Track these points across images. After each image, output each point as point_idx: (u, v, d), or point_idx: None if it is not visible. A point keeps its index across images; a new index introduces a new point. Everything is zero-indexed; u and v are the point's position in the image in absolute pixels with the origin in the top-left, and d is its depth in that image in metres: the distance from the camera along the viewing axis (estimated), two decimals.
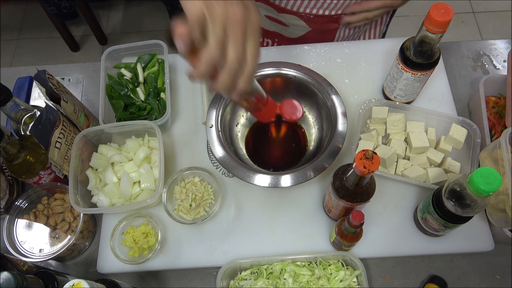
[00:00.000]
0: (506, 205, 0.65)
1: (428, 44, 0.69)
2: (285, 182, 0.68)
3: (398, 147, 0.78)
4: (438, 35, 0.66)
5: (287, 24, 0.95)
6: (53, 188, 0.78)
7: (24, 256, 0.72)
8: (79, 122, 0.79)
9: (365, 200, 0.63)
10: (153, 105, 0.85)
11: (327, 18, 0.91)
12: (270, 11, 0.93)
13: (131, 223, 0.76)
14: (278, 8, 0.91)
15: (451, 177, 0.64)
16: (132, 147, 0.79)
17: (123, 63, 0.90)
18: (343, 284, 0.69)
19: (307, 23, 0.93)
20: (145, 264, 0.73)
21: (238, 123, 0.83)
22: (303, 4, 0.88)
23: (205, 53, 0.46)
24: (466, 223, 0.65)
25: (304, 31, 0.96)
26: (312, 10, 0.89)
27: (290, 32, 0.97)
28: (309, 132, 0.83)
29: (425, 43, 0.69)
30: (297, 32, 0.97)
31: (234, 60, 0.47)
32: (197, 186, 0.77)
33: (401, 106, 0.81)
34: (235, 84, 0.49)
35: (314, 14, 0.90)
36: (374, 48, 0.92)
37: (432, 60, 0.71)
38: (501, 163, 0.67)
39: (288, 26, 0.95)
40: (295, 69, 0.79)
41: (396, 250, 0.74)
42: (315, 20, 0.92)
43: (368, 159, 0.54)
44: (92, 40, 2.16)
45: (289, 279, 0.69)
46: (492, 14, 2.14)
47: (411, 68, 0.73)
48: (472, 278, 0.73)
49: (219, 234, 0.76)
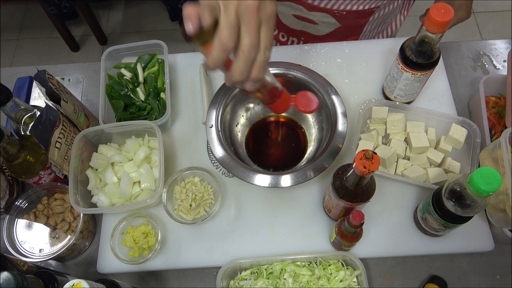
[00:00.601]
0: (506, 205, 0.65)
1: (428, 44, 0.69)
2: (285, 182, 0.68)
3: (398, 147, 0.78)
4: (438, 35, 0.66)
5: (316, 22, 0.93)
6: (53, 188, 0.78)
7: (24, 256, 0.72)
8: (79, 122, 0.79)
9: (365, 200, 0.63)
10: (153, 105, 0.85)
11: (359, 13, 0.90)
12: (300, 10, 0.92)
13: (131, 223, 0.76)
14: (309, 7, 0.90)
15: (451, 177, 0.64)
16: (132, 147, 0.79)
17: (123, 63, 0.90)
18: (343, 284, 0.69)
19: (338, 20, 0.92)
20: (145, 264, 0.73)
21: (238, 123, 0.83)
22: (338, 1, 0.87)
23: (217, 39, 0.45)
24: (466, 223, 0.65)
25: (333, 28, 0.94)
26: (346, 7, 0.88)
27: (318, 30, 0.96)
28: (309, 132, 0.83)
29: (425, 43, 0.69)
30: (326, 30, 0.95)
31: (248, 47, 0.46)
32: (197, 186, 0.77)
33: (401, 106, 0.81)
34: (250, 73, 0.48)
35: (348, 10, 0.89)
36: (374, 48, 0.92)
37: (432, 60, 0.71)
38: (501, 163, 0.67)
39: (317, 24, 0.94)
40: (295, 69, 0.79)
41: (396, 250, 0.74)
42: (347, 17, 0.91)
43: (368, 159, 0.54)
44: (92, 40, 2.16)
45: (289, 279, 0.69)
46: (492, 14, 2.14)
47: (411, 68, 0.73)
48: (472, 278, 0.73)
49: (219, 234, 0.76)
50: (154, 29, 2.22)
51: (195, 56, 0.94)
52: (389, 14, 0.95)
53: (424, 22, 0.65)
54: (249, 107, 0.84)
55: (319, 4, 0.88)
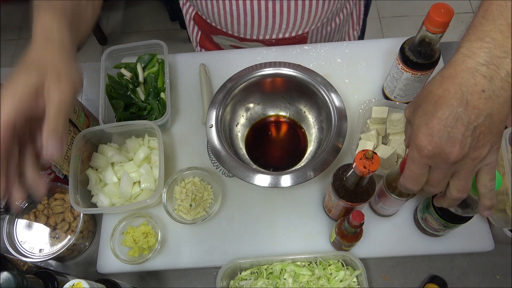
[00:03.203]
0: (506, 205, 0.65)
1: (428, 44, 0.69)
2: (285, 182, 0.68)
3: (398, 147, 0.78)
4: (438, 35, 0.66)
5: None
6: (53, 188, 0.78)
7: (24, 256, 0.72)
8: (79, 122, 0.79)
9: (365, 200, 0.63)
10: (153, 105, 0.85)
11: (290, 41, 0.92)
12: (234, 41, 0.95)
13: (131, 223, 0.76)
14: (239, 39, 0.93)
15: None
16: (132, 147, 0.79)
17: (123, 63, 0.90)
18: (343, 284, 0.69)
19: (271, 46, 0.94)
20: (145, 264, 0.73)
21: (238, 123, 0.83)
22: (261, 33, 0.89)
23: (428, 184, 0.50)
24: (466, 223, 0.65)
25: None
26: (271, 36, 0.90)
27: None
28: (309, 132, 0.83)
29: (425, 43, 0.69)
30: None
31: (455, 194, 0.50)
32: (197, 186, 0.77)
33: (401, 106, 0.81)
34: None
35: (275, 38, 0.91)
36: (374, 48, 0.92)
37: (432, 60, 0.71)
38: (501, 163, 0.67)
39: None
40: (295, 69, 0.79)
41: (396, 250, 0.74)
42: (278, 44, 0.93)
43: (368, 159, 0.54)
44: (92, 40, 2.16)
45: (289, 279, 0.69)
46: None
47: (411, 68, 0.73)
48: (472, 278, 0.73)
49: (219, 234, 0.76)
50: (154, 29, 2.22)
51: (195, 56, 0.94)
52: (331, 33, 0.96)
53: (424, 22, 0.65)
54: (249, 107, 0.84)
55: (245, 36, 0.91)
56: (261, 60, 0.82)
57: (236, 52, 0.94)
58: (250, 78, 0.79)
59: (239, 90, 0.79)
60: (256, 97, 0.83)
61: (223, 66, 0.90)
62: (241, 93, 0.80)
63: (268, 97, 0.84)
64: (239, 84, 0.79)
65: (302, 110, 0.84)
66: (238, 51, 0.94)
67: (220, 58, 0.93)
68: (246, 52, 0.93)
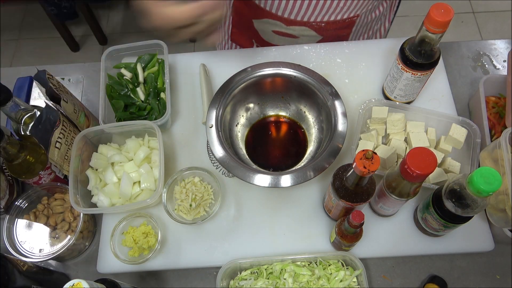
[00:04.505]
0: (506, 205, 0.65)
1: (428, 44, 0.69)
2: (285, 182, 0.68)
3: (398, 147, 0.78)
4: (438, 35, 0.66)
5: (297, 36, 0.93)
6: (53, 188, 0.78)
7: (24, 256, 0.72)
8: (79, 122, 0.79)
9: (365, 200, 0.63)
10: (153, 105, 0.85)
11: (339, 24, 0.89)
12: (278, 26, 0.91)
13: (131, 223, 0.76)
14: (286, 21, 0.89)
15: (451, 177, 0.64)
16: (132, 147, 0.79)
17: (123, 63, 0.90)
18: (343, 284, 0.69)
19: (318, 32, 0.91)
20: (145, 264, 0.73)
21: (238, 123, 0.83)
22: (314, 14, 0.86)
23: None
24: (466, 223, 0.65)
25: (315, 41, 0.94)
26: (323, 18, 0.87)
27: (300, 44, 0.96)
28: (309, 132, 0.83)
29: (425, 43, 0.69)
30: (308, 43, 0.95)
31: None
32: (197, 186, 0.77)
33: (401, 106, 0.81)
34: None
35: (326, 21, 0.88)
36: (374, 48, 0.92)
37: (432, 60, 0.71)
38: (501, 163, 0.67)
39: (298, 38, 0.94)
40: (295, 69, 0.79)
41: (396, 250, 0.74)
42: (326, 28, 0.90)
43: (368, 159, 0.54)
44: (92, 40, 2.16)
45: (289, 279, 0.69)
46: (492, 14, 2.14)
47: (411, 68, 0.73)
48: (472, 278, 0.73)
49: (219, 234, 0.76)
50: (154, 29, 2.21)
51: (195, 56, 0.94)
52: (372, 22, 0.95)
53: (424, 22, 0.65)
54: (249, 107, 0.84)
55: (296, 17, 0.88)
56: (261, 60, 0.82)
57: (236, 52, 0.94)
58: (250, 78, 0.79)
59: (239, 90, 0.79)
60: (256, 97, 0.83)
61: (223, 66, 0.90)
62: (241, 93, 0.80)
63: (268, 97, 0.84)
64: (239, 84, 0.79)
65: (302, 110, 0.84)
66: (238, 51, 0.94)
67: (220, 58, 0.93)
68: (246, 52, 0.93)
